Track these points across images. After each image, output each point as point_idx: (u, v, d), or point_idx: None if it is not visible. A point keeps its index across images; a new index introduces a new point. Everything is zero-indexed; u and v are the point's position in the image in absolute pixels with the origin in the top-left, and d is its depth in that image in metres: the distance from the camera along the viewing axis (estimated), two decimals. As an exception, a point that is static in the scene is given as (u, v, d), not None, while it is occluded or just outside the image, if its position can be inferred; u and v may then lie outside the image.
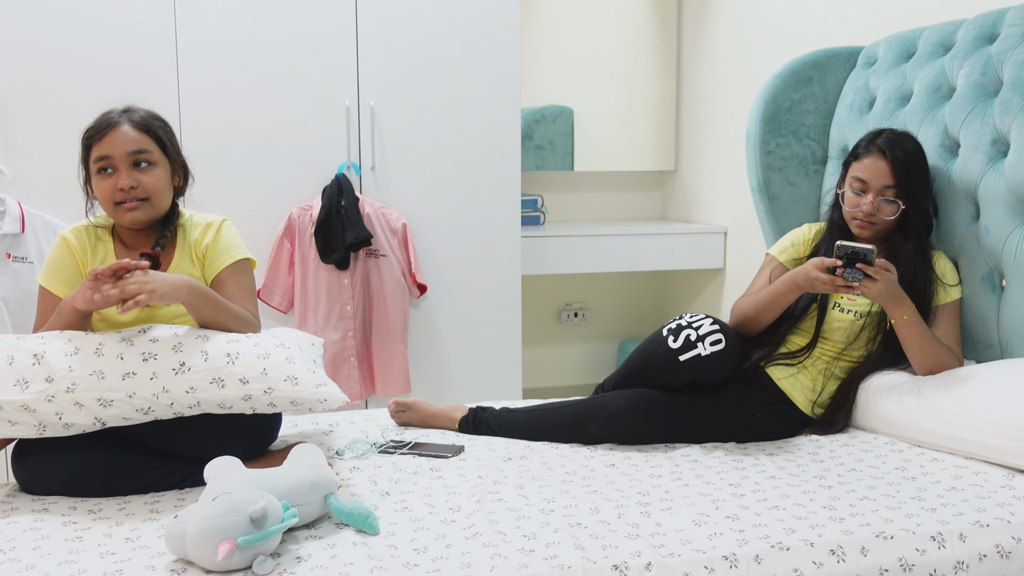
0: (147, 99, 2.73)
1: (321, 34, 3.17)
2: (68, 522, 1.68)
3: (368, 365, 3.28)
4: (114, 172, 1.95)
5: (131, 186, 1.94)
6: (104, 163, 1.95)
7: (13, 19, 2.93)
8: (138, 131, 1.97)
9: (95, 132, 1.97)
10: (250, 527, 1.45)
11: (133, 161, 1.95)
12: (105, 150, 1.95)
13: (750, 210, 3.55)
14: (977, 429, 1.92)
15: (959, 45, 2.40)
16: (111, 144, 1.95)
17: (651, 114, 4.20)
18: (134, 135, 1.96)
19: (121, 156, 1.95)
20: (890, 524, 1.61)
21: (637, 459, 2.02)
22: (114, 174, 1.95)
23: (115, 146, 1.94)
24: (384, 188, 3.28)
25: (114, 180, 1.95)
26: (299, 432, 2.22)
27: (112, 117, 1.98)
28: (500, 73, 3.33)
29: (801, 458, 2.01)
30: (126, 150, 1.95)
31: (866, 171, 2.25)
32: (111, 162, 1.95)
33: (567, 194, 4.23)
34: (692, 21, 4.07)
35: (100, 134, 1.96)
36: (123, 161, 1.95)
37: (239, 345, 1.86)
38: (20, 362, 1.79)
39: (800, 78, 2.77)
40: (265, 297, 3.17)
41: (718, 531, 1.59)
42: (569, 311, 4.33)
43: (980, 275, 2.24)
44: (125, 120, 1.97)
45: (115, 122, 1.96)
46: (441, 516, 1.68)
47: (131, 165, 1.95)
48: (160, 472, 1.85)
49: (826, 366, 2.27)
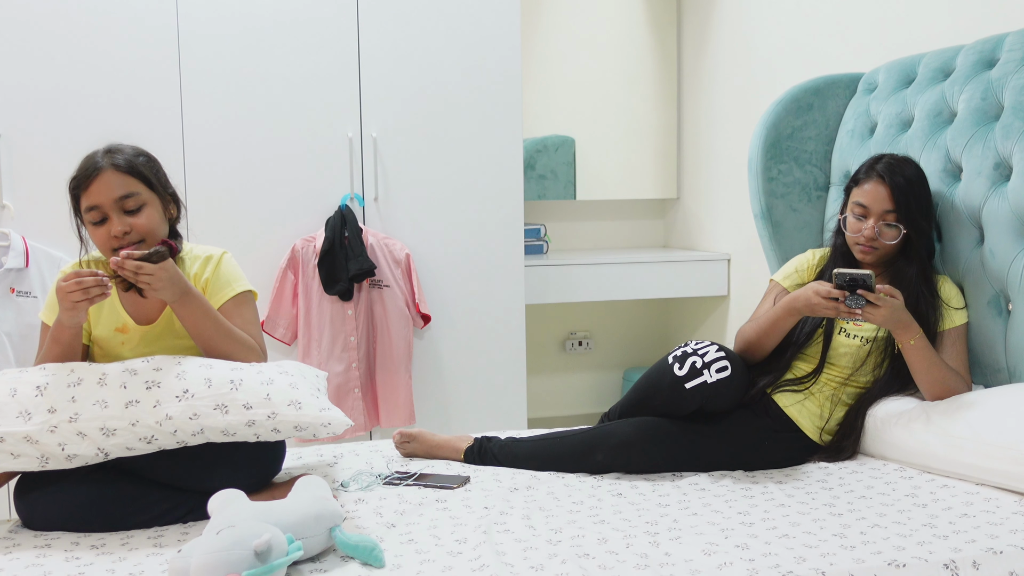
0: (150, 132, 2.74)
1: (324, 66, 3.19)
2: (71, 557, 1.66)
3: (372, 396, 3.27)
4: (106, 220, 1.92)
5: (124, 231, 1.91)
6: (95, 213, 1.92)
7: (16, 54, 2.95)
8: (123, 174, 1.93)
9: (80, 181, 1.93)
10: (255, 561, 1.43)
11: (123, 207, 1.92)
12: (93, 200, 1.91)
13: (753, 237, 3.55)
14: (987, 455, 1.90)
15: (959, 70, 2.41)
16: (97, 193, 1.91)
17: (652, 142, 4.21)
18: (119, 180, 1.92)
19: (110, 204, 1.91)
20: (902, 552, 1.59)
21: (644, 488, 2.00)
22: (107, 222, 1.92)
23: (101, 194, 1.91)
24: (387, 219, 3.29)
25: (107, 228, 1.92)
26: (303, 464, 2.20)
27: (95, 162, 1.93)
28: (502, 104, 3.35)
29: (810, 485, 2.00)
30: (113, 197, 1.91)
31: (866, 196, 2.26)
32: (102, 211, 1.92)
33: (570, 223, 4.24)
34: (692, 49, 4.09)
35: (85, 183, 1.92)
36: (112, 208, 1.91)
37: (243, 372, 1.86)
38: (23, 394, 1.79)
39: (801, 105, 2.78)
40: (269, 329, 3.17)
41: (728, 560, 1.57)
42: (573, 340, 4.32)
43: (986, 299, 2.23)
44: (108, 164, 1.92)
45: (99, 168, 1.91)
46: (447, 548, 1.66)
47: (121, 211, 1.92)
48: (163, 506, 1.83)
49: (833, 392, 2.26)
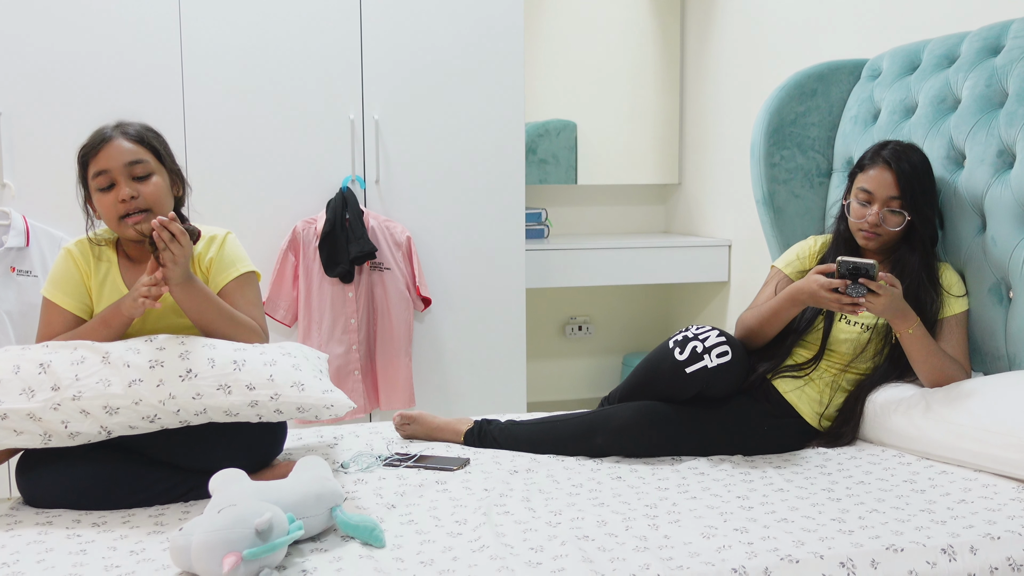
0: (151, 112, 2.73)
1: (326, 48, 3.18)
2: (72, 535, 1.67)
3: (372, 378, 3.28)
4: (114, 186, 1.95)
5: (132, 196, 1.94)
6: (103, 178, 1.95)
7: (18, 32, 2.94)
8: (133, 143, 1.97)
9: (90, 148, 1.97)
10: (256, 539, 1.44)
11: (131, 173, 1.95)
12: (102, 164, 1.94)
13: (754, 223, 3.55)
14: (986, 441, 1.91)
15: (963, 57, 2.40)
16: (107, 158, 1.94)
17: (654, 127, 4.20)
18: (129, 146, 1.96)
19: (119, 168, 1.94)
20: (900, 537, 1.60)
21: (644, 472, 2.01)
22: (114, 188, 1.95)
23: (111, 159, 1.94)
24: (388, 201, 3.28)
25: (115, 194, 1.95)
26: (304, 445, 2.21)
27: (106, 132, 1.98)
28: (504, 87, 3.34)
29: (809, 471, 2.00)
30: (123, 161, 1.95)
31: (871, 182, 2.25)
32: (109, 176, 1.94)
33: (571, 208, 4.23)
34: (695, 34, 4.08)
35: (95, 149, 1.96)
36: (121, 173, 1.95)
37: (245, 353, 1.87)
38: (26, 371, 1.79)
39: (804, 91, 2.78)
40: (269, 310, 3.17)
41: (727, 544, 1.58)
42: (573, 324, 4.32)
43: (987, 287, 2.23)
44: (119, 134, 1.97)
45: (109, 136, 1.97)
46: (447, 529, 1.66)
47: (129, 177, 1.95)
48: (165, 484, 1.84)
49: (833, 379, 2.26)
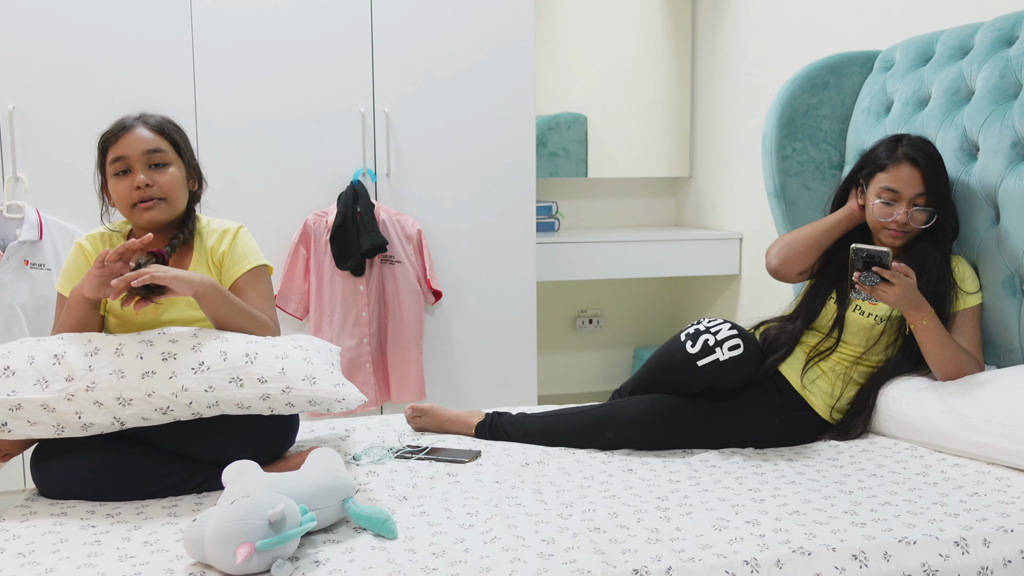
0: (163, 106, 2.74)
1: (337, 41, 3.18)
2: (87, 526, 1.68)
3: (383, 371, 3.28)
4: (130, 172, 1.98)
5: (147, 183, 1.97)
6: (120, 164, 1.98)
7: (30, 28, 2.95)
8: (153, 132, 2.02)
9: (111, 135, 2.01)
10: (268, 530, 1.45)
11: (148, 161, 1.99)
12: (121, 151, 1.98)
13: (766, 216, 3.54)
14: (999, 434, 1.90)
15: (977, 48, 2.39)
16: (126, 145, 1.98)
17: (665, 120, 4.19)
18: (149, 136, 2.00)
19: (137, 156, 1.98)
20: (913, 529, 1.60)
21: (655, 464, 2.01)
22: (130, 174, 1.98)
23: (130, 147, 1.98)
24: (399, 195, 3.29)
25: (130, 180, 1.98)
26: (316, 437, 2.22)
27: (127, 121, 2.03)
28: (514, 80, 3.33)
29: (821, 463, 2.00)
30: (142, 150, 1.98)
31: (897, 181, 2.23)
32: (127, 162, 1.98)
33: (581, 201, 4.23)
34: (706, 27, 4.06)
35: (116, 136, 2.00)
36: (139, 161, 1.98)
37: (258, 346, 1.87)
38: (40, 361, 1.80)
39: (817, 83, 2.76)
40: (281, 303, 3.18)
41: (738, 536, 1.58)
42: (584, 318, 4.32)
43: (1001, 279, 2.22)
44: (140, 123, 2.02)
45: (130, 125, 2.01)
46: (459, 521, 1.67)
47: (147, 165, 1.99)
48: (178, 476, 1.85)
49: (845, 371, 2.26)
